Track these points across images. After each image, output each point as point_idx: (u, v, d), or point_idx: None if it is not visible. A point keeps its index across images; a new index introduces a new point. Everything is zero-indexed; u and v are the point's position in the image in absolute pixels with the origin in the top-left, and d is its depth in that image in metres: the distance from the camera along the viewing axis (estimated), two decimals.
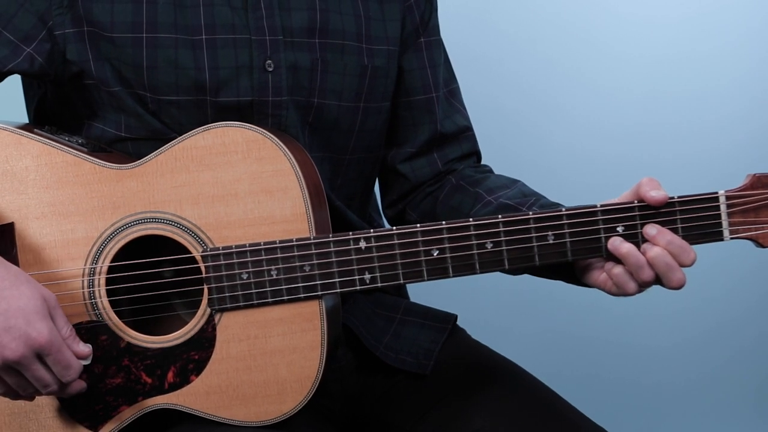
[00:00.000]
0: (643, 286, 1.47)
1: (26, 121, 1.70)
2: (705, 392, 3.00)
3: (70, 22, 1.53)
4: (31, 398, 1.45)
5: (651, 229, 1.45)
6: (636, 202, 1.46)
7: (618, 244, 1.46)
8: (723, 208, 1.45)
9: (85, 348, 1.43)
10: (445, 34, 1.82)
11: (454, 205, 1.70)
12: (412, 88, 1.74)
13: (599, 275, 1.50)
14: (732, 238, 1.47)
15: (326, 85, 1.62)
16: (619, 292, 1.49)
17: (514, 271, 1.59)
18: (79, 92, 1.57)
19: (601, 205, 1.47)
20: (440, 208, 1.72)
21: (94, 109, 1.58)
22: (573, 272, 1.54)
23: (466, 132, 1.79)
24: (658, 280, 1.46)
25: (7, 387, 1.42)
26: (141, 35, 1.53)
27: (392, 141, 1.76)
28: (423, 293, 1.91)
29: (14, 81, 1.65)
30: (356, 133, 1.67)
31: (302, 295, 1.47)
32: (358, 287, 1.48)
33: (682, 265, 1.45)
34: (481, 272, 1.48)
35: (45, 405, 1.49)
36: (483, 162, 1.82)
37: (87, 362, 1.44)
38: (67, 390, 1.44)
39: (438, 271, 1.48)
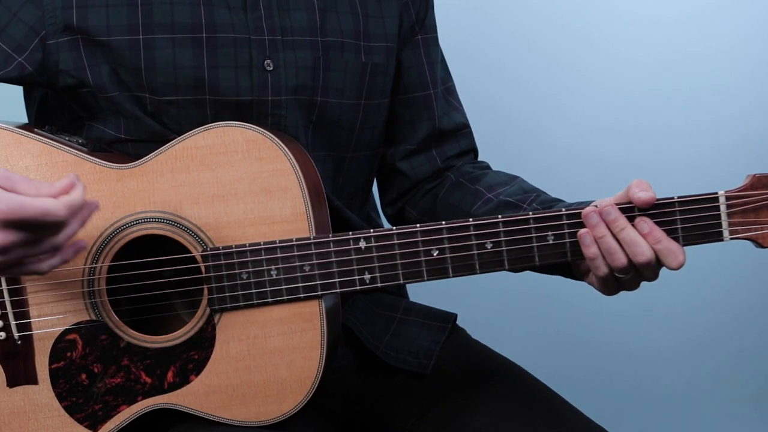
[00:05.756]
0: (617, 272, 1.44)
1: (26, 121, 1.70)
2: (705, 392, 3.00)
3: (64, 31, 1.53)
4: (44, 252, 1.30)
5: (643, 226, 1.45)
6: None
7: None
8: (723, 208, 1.45)
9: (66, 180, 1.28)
10: (444, 33, 1.82)
11: (454, 203, 1.70)
12: (410, 85, 1.74)
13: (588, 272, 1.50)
14: (732, 239, 1.47)
15: (329, 83, 1.62)
16: (600, 284, 1.47)
17: (514, 270, 1.59)
18: (76, 99, 1.57)
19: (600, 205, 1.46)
20: (440, 205, 1.72)
21: (94, 113, 1.58)
22: (570, 268, 1.55)
23: (463, 129, 1.79)
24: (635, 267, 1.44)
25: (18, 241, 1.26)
26: (137, 37, 1.53)
27: (390, 139, 1.76)
28: (423, 293, 1.91)
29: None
30: (357, 131, 1.67)
31: (302, 295, 1.47)
32: (357, 287, 1.48)
33: (669, 267, 1.43)
34: (481, 272, 1.47)
35: (45, 405, 1.49)
36: (481, 160, 1.82)
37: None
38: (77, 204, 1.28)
39: (438, 271, 1.47)
